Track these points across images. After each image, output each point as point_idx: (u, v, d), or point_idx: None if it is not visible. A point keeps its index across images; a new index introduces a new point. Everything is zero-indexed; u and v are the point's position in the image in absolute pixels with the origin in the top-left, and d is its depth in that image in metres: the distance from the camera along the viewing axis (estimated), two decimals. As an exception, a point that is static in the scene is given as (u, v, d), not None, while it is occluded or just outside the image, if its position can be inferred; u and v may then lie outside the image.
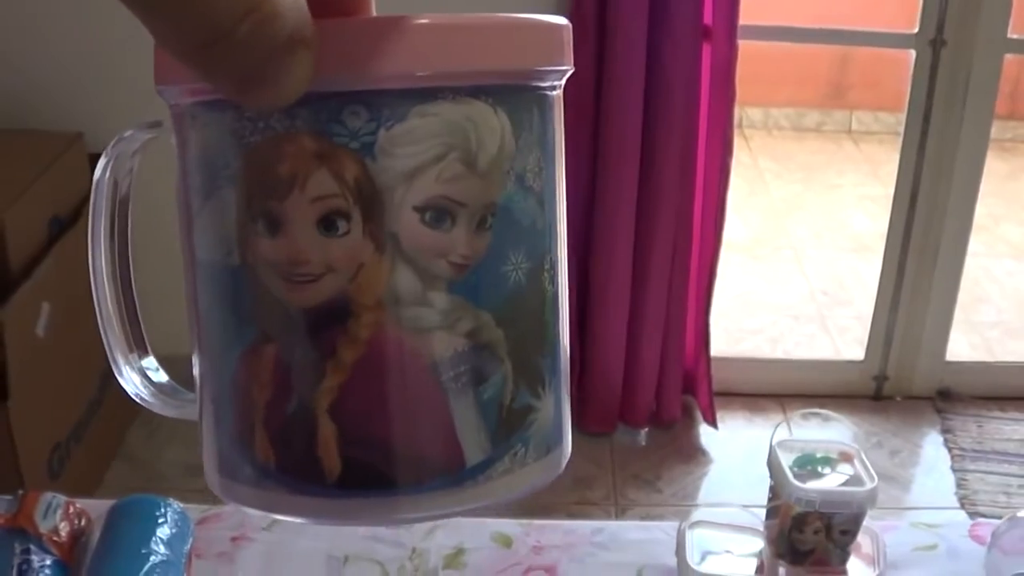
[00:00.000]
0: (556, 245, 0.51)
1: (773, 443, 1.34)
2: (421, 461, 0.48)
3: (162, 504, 1.33)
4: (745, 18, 2.99)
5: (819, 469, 1.31)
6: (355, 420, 0.47)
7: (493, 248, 0.47)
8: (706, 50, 3.02)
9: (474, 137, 0.46)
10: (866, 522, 1.32)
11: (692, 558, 1.33)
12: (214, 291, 0.49)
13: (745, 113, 6.58)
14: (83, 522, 1.33)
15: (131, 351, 0.58)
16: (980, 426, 3.51)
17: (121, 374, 0.58)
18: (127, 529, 1.29)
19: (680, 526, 1.37)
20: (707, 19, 2.99)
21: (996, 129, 3.46)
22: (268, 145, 0.45)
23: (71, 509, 1.31)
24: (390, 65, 0.44)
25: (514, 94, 0.47)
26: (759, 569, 1.34)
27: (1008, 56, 3.26)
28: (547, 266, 0.50)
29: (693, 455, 3.41)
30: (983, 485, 3.24)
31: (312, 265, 0.45)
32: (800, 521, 1.28)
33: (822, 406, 3.57)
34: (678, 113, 3.03)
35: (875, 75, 6.41)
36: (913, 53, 3.27)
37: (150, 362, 0.59)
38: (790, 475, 1.28)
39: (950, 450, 3.41)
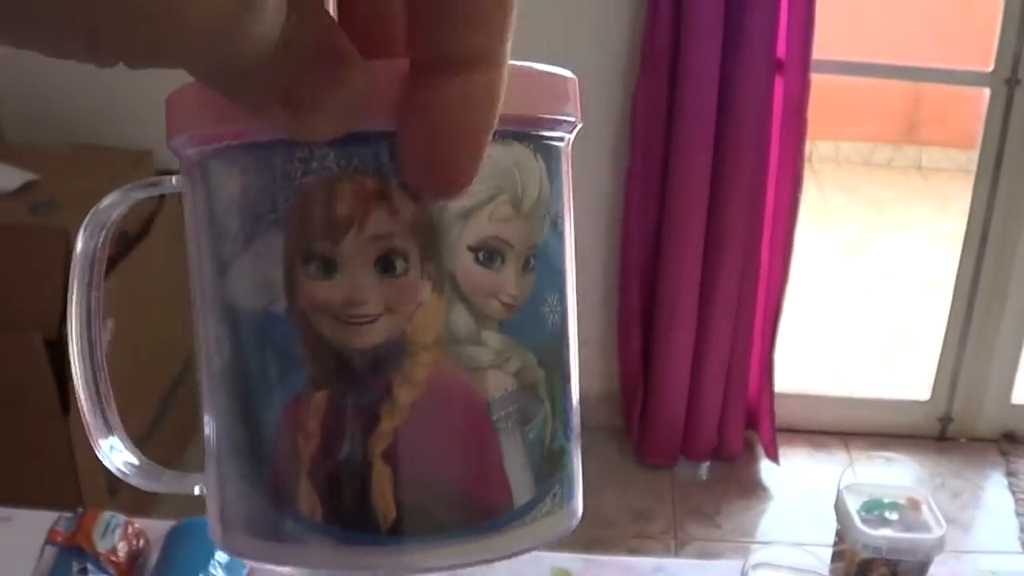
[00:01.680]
0: (572, 296, 0.51)
1: (840, 487, 1.32)
2: (475, 502, 0.47)
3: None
4: (819, 52, 2.98)
5: (886, 514, 1.30)
6: (411, 463, 0.46)
7: (535, 289, 0.48)
8: (778, 83, 3.01)
9: (519, 179, 0.47)
10: (931, 568, 1.30)
11: None
12: (252, 342, 0.47)
13: (815, 147, 6.55)
14: (141, 543, 1.34)
15: (103, 430, 0.57)
16: (1045, 470, 3.46)
17: (101, 452, 0.57)
18: (185, 551, 1.30)
19: (743, 567, 1.36)
20: (780, 52, 2.98)
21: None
22: (324, 185, 0.44)
23: (130, 529, 1.32)
24: None
25: (547, 141, 0.48)
26: (822, 613, 1.33)
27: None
28: (570, 311, 0.50)
29: (754, 490, 3.39)
30: (1047, 530, 3.19)
31: (370, 306, 0.45)
32: (865, 567, 1.27)
33: (886, 445, 3.54)
34: (748, 146, 3.03)
35: (947, 112, 6.37)
36: (987, 91, 3.24)
37: (115, 442, 0.57)
38: (857, 520, 1.27)
39: (1014, 493, 3.37)
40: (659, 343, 3.28)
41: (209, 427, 0.50)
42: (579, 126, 0.50)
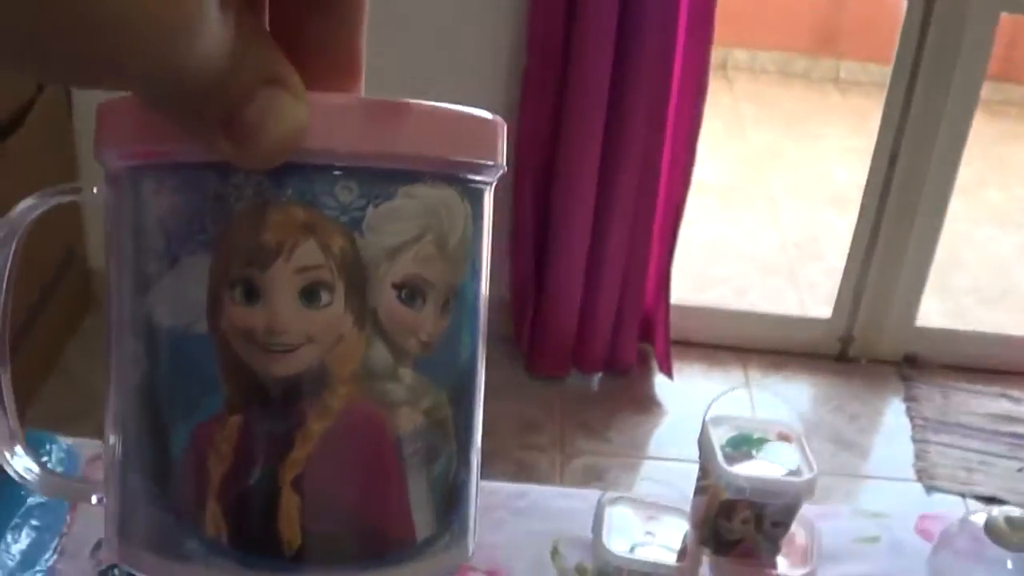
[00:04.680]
0: (483, 333, 0.52)
1: (706, 418, 1.21)
2: (379, 535, 0.48)
3: (48, 442, 1.31)
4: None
5: (755, 452, 1.19)
6: (319, 492, 0.47)
7: (451, 329, 0.49)
8: (685, -14, 2.91)
9: (446, 221, 0.48)
10: (801, 510, 1.19)
11: (607, 537, 1.23)
12: (171, 360, 0.48)
13: (731, 54, 6.47)
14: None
15: (7, 440, 0.58)
16: (945, 397, 3.42)
17: (1, 457, 0.58)
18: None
19: (600, 500, 1.27)
20: (689, -49, 2.87)
21: (987, 90, 3.37)
22: (255, 212, 0.45)
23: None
24: (385, 145, 0.45)
25: (473, 184, 0.49)
26: (681, 554, 1.22)
27: (1004, 14, 3.16)
28: (480, 350, 0.52)
29: (646, 405, 3.32)
30: (943, 459, 3.15)
31: (291, 335, 0.45)
32: (728, 508, 1.17)
33: (783, 363, 3.50)
34: (651, 52, 2.92)
35: (867, 23, 6.30)
36: (905, 2, 3.16)
37: (18, 449, 0.58)
38: (720, 456, 1.16)
39: (912, 419, 3.32)
40: (552, 249, 3.20)
41: (114, 440, 0.51)
42: (503, 171, 0.51)
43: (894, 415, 3.37)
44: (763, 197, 5.09)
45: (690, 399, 3.31)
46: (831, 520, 1.35)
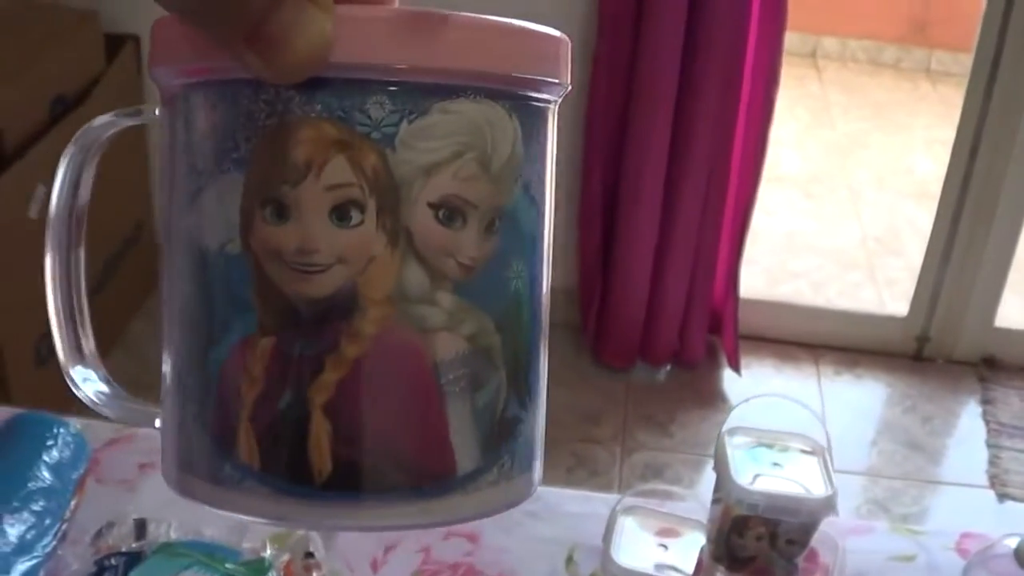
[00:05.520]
0: (547, 263, 0.52)
1: (723, 429, 1.15)
2: (415, 465, 0.48)
3: (56, 425, 1.27)
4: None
5: (772, 465, 1.12)
6: (351, 419, 0.47)
7: (498, 253, 0.48)
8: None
9: (490, 139, 0.47)
10: (826, 528, 1.13)
11: (617, 548, 1.17)
12: (207, 280, 0.48)
13: (820, 43, 6.36)
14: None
15: (76, 357, 0.57)
16: (1024, 401, 3.31)
17: (71, 380, 0.57)
18: (10, 450, 1.25)
19: (613, 508, 1.22)
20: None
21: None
22: (285, 128, 0.45)
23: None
24: (419, 58, 0.45)
25: (526, 102, 0.48)
26: (697, 569, 1.16)
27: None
28: (541, 280, 0.51)
29: (712, 401, 3.26)
30: (1018, 465, 3.05)
31: (322, 255, 0.45)
32: (741, 524, 1.10)
33: (857, 362, 3.41)
34: (722, 39, 2.86)
35: (959, 13, 6.18)
36: (986, -13, 3.07)
37: (89, 373, 0.57)
38: (732, 470, 1.09)
39: (987, 423, 3.22)
40: (620, 238, 3.14)
41: (166, 363, 0.51)
42: (567, 90, 0.50)
43: (969, 418, 3.27)
44: (846, 188, 4.97)
45: (759, 395, 3.23)
46: (865, 536, 1.30)
